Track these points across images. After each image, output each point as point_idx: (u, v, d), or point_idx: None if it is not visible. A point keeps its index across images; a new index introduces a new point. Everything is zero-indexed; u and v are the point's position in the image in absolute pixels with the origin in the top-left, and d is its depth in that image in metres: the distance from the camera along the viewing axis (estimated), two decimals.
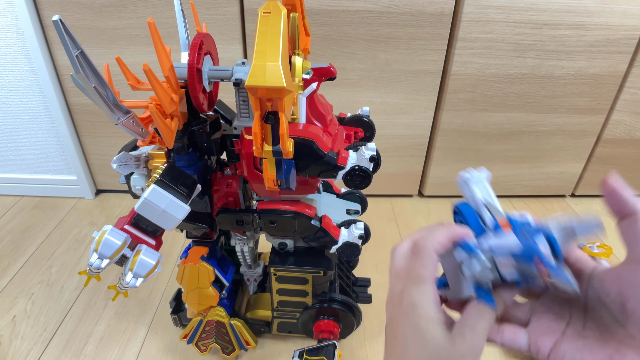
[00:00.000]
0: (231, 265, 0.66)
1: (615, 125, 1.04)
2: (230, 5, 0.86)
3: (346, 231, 0.56)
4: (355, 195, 0.66)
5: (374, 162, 0.47)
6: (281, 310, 0.66)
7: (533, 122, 1.02)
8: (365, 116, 0.58)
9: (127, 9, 0.86)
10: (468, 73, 0.94)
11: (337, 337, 0.65)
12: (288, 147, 0.38)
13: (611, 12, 0.88)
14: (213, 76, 0.49)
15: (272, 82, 0.32)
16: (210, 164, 0.57)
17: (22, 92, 0.99)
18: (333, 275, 0.65)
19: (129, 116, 0.43)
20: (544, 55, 0.92)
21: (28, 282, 0.85)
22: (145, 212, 0.45)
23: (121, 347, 0.72)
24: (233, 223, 0.55)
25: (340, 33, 0.89)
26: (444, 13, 0.87)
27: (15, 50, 0.94)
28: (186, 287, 0.60)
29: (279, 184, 0.44)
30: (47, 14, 0.88)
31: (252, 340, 0.67)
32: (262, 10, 0.35)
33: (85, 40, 0.90)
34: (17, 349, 0.71)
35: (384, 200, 1.13)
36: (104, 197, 1.15)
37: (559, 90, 0.98)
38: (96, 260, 0.44)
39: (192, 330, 0.65)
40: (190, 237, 0.61)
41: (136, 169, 0.52)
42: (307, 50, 0.51)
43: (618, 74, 0.96)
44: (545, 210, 1.12)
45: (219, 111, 0.55)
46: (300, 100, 0.47)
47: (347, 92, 0.96)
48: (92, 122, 1.02)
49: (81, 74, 0.37)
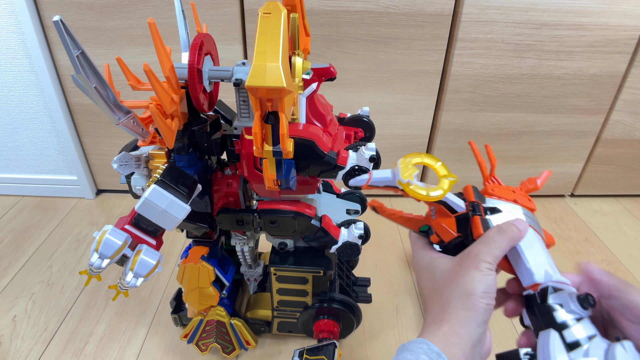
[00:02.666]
0: (231, 265, 0.66)
1: (615, 126, 1.04)
2: (231, 6, 0.86)
3: (346, 231, 0.56)
4: (355, 195, 0.66)
5: (373, 162, 0.47)
6: (281, 310, 0.66)
7: (532, 122, 1.02)
8: (365, 116, 0.58)
9: (128, 9, 0.86)
10: (468, 73, 0.94)
11: (337, 336, 0.65)
12: (288, 147, 0.38)
13: (611, 12, 0.88)
14: (213, 76, 0.49)
15: (272, 83, 0.32)
16: (211, 164, 0.57)
17: (23, 92, 0.99)
18: (333, 275, 0.65)
19: (129, 116, 0.43)
20: (544, 56, 0.92)
21: (28, 282, 0.85)
22: (145, 212, 0.45)
23: (121, 346, 0.72)
24: (233, 223, 0.55)
25: (340, 33, 0.89)
26: (443, 13, 0.87)
27: (15, 50, 0.94)
28: (186, 286, 0.60)
29: (279, 184, 0.44)
30: (48, 14, 0.88)
31: (252, 340, 0.67)
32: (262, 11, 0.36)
33: (86, 41, 0.90)
34: (17, 349, 0.71)
35: (383, 201, 1.13)
36: (104, 197, 1.15)
37: (559, 91, 0.98)
38: (97, 260, 0.44)
39: (193, 329, 0.65)
40: (191, 237, 0.62)
41: (137, 169, 0.52)
42: (307, 51, 0.51)
43: (617, 74, 0.96)
44: (545, 210, 1.12)
45: (219, 111, 0.55)
46: (300, 101, 0.47)
47: (347, 92, 0.96)
48: (93, 122, 1.03)
49: (82, 74, 0.37)
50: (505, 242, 0.34)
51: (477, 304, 0.32)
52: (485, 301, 0.32)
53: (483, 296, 0.32)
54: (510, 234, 0.34)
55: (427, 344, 0.31)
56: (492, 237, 0.34)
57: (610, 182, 1.15)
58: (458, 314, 0.32)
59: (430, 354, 0.30)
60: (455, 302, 0.33)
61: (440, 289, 0.35)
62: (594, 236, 1.02)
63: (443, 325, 0.32)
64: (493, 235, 0.34)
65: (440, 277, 0.36)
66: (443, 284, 0.35)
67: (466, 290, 0.32)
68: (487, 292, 0.32)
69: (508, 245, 0.34)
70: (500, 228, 0.35)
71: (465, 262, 0.34)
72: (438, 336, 0.32)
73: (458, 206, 0.38)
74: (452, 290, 0.34)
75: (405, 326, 0.76)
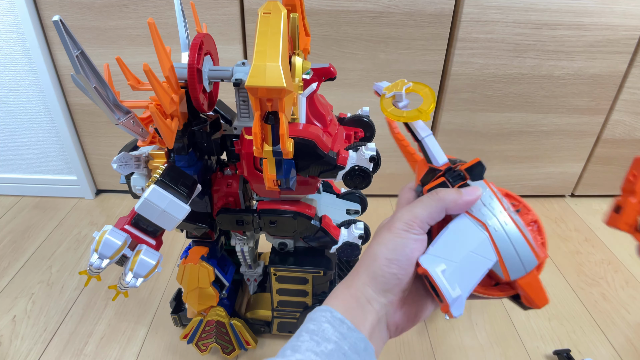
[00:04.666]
0: (231, 265, 0.66)
1: (615, 126, 1.04)
2: (230, 6, 0.86)
3: (346, 231, 0.56)
4: (355, 195, 0.66)
5: (373, 162, 0.47)
6: (281, 310, 0.66)
7: (533, 122, 1.02)
8: (365, 116, 0.58)
9: (127, 9, 0.86)
10: (468, 73, 0.94)
11: None
12: (288, 147, 0.38)
13: (611, 12, 0.88)
14: (213, 76, 0.49)
15: (272, 82, 0.32)
16: (210, 164, 0.57)
17: (22, 92, 0.99)
18: (333, 275, 0.65)
19: (129, 116, 0.43)
20: (544, 56, 0.92)
21: (28, 282, 0.85)
22: (145, 212, 0.45)
23: (121, 347, 0.72)
24: (233, 223, 0.55)
25: (340, 33, 0.89)
26: (443, 13, 0.87)
27: (15, 50, 0.94)
28: (186, 287, 0.60)
29: (279, 184, 0.44)
30: (47, 14, 0.88)
31: (252, 340, 0.67)
32: (262, 11, 0.35)
33: (86, 41, 0.90)
34: (17, 349, 0.71)
35: (384, 200, 1.13)
36: (104, 197, 1.15)
37: (559, 91, 0.98)
38: (96, 260, 0.44)
39: (192, 330, 0.65)
40: (191, 237, 0.61)
41: (136, 169, 0.52)
42: (307, 51, 0.51)
43: (618, 74, 0.96)
44: (545, 210, 1.12)
45: (219, 111, 0.55)
46: (300, 101, 0.47)
47: (347, 92, 0.96)
48: (92, 122, 1.02)
49: (81, 74, 0.37)
50: (435, 202, 0.30)
51: (378, 270, 0.29)
52: (389, 269, 0.29)
53: (386, 262, 0.29)
54: (441, 195, 0.30)
55: (330, 311, 0.29)
56: (421, 198, 0.31)
57: (611, 182, 1.15)
58: (361, 277, 0.30)
59: (332, 322, 0.28)
60: (360, 268, 0.30)
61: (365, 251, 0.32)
62: (594, 236, 1.02)
63: (350, 289, 0.30)
64: (423, 197, 0.31)
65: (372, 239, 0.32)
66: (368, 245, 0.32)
67: (372, 252, 0.30)
68: (392, 258, 0.29)
69: (437, 205, 0.30)
70: (435, 191, 0.31)
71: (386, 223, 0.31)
72: (341, 301, 0.30)
73: (434, 157, 0.34)
74: (366, 252, 0.31)
75: None
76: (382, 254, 0.29)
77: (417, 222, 0.29)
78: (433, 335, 0.75)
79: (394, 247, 0.29)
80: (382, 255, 0.29)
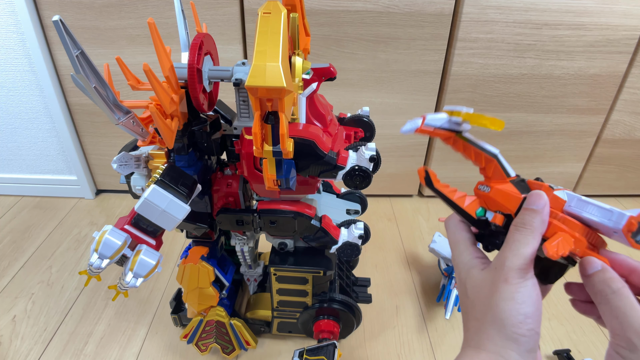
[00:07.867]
0: (231, 265, 0.66)
1: (615, 125, 1.04)
2: (230, 6, 0.86)
3: (346, 231, 0.56)
4: (355, 195, 0.66)
5: (373, 162, 0.47)
6: (281, 310, 0.66)
7: (533, 122, 1.02)
8: (365, 116, 0.58)
9: (127, 9, 0.86)
10: (468, 73, 0.94)
11: (337, 336, 0.65)
12: (288, 147, 0.38)
13: (611, 12, 0.88)
14: (213, 76, 0.49)
15: (272, 82, 0.32)
16: (210, 164, 0.57)
17: (22, 92, 0.99)
18: (333, 275, 0.65)
19: (129, 116, 0.43)
20: (544, 56, 0.92)
21: (28, 282, 0.85)
22: (145, 212, 0.45)
23: (121, 347, 0.72)
24: (233, 223, 0.55)
25: (340, 33, 0.89)
26: (443, 13, 0.87)
27: (15, 50, 0.94)
28: (186, 287, 0.60)
29: (279, 184, 0.44)
30: (47, 14, 0.88)
31: (252, 340, 0.67)
32: (262, 11, 0.36)
33: (86, 41, 0.90)
34: (17, 349, 0.71)
35: (384, 200, 1.13)
36: (104, 197, 1.15)
37: (559, 91, 0.98)
38: (96, 260, 0.44)
39: (192, 330, 0.65)
40: (191, 237, 0.61)
41: (136, 169, 0.52)
42: (307, 51, 0.51)
43: (618, 74, 0.96)
44: None
45: (219, 111, 0.55)
46: (300, 101, 0.47)
47: (347, 92, 0.96)
48: (92, 122, 1.02)
49: (81, 74, 0.37)
50: (529, 234, 0.28)
51: (515, 333, 0.27)
52: (526, 327, 0.26)
53: (521, 322, 0.26)
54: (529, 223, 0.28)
55: None
56: (512, 236, 0.28)
57: (610, 182, 1.15)
58: (495, 341, 0.27)
59: None
60: (490, 329, 0.28)
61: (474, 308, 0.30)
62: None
63: (481, 353, 0.28)
64: (512, 234, 0.29)
65: (472, 294, 0.30)
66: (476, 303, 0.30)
67: (500, 314, 0.27)
68: (525, 314, 0.26)
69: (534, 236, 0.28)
70: (514, 223, 0.29)
71: (494, 275, 0.29)
72: None
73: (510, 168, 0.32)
74: (485, 312, 0.28)
75: (405, 326, 0.76)
76: (513, 315, 0.27)
77: (528, 264, 0.28)
78: (433, 335, 0.75)
79: (523, 300, 0.27)
80: (515, 316, 0.27)
